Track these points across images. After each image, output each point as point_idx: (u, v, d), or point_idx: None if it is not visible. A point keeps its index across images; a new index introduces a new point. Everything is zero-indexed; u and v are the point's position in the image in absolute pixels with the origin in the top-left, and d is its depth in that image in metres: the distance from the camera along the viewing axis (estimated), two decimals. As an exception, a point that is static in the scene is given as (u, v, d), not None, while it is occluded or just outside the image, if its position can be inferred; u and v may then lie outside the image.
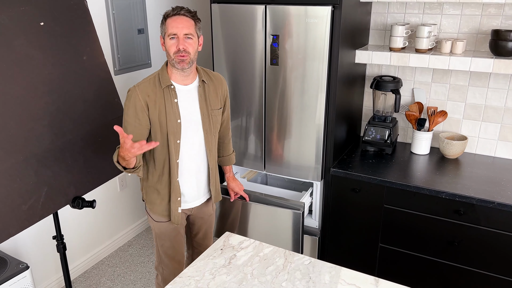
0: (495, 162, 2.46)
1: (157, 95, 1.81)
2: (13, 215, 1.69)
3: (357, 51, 2.48)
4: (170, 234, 2.03)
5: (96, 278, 2.89)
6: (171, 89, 1.83)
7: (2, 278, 2.04)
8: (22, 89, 1.76)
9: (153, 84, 1.82)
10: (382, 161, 2.48)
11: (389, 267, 2.44)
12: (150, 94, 1.80)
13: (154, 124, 1.83)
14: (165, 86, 1.82)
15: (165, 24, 1.77)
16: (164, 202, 1.96)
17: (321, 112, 2.31)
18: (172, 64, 1.79)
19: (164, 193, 1.95)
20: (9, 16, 1.73)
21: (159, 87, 1.82)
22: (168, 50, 1.78)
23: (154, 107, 1.81)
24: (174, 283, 1.51)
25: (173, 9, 1.77)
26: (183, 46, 1.75)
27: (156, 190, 1.95)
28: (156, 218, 2.00)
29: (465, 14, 2.41)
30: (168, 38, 1.76)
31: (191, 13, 1.79)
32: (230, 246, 1.72)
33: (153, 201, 1.98)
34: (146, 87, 1.81)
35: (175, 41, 1.76)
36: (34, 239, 2.57)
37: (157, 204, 1.97)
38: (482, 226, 2.11)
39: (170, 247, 2.06)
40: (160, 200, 1.96)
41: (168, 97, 1.82)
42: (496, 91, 2.43)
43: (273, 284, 1.50)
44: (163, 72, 1.84)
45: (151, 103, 1.80)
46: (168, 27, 1.76)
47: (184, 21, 1.76)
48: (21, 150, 1.73)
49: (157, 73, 1.86)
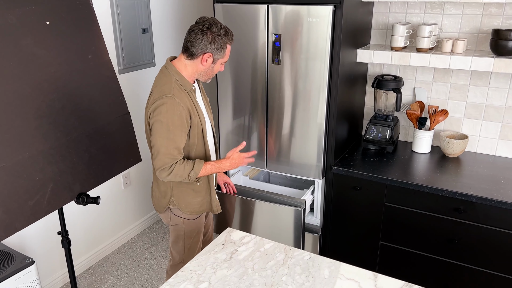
0: (495, 161, 2.47)
1: (187, 99, 1.86)
2: (19, 211, 1.73)
3: (359, 50, 2.50)
4: (200, 229, 2.12)
5: (100, 274, 2.92)
6: (192, 90, 1.90)
7: (8, 272, 2.08)
8: (29, 87, 1.79)
9: (181, 90, 1.85)
10: (383, 160, 2.50)
11: (389, 264, 2.46)
12: (185, 100, 1.85)
13: (194, 126, 1.89)
14: (188, 90, 1.88)
15: (225, 50, 1.86)
16: (203, 196, 2.04)
17: (322, 110, 2.33)
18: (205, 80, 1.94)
19: (202, 188, 2.02)
20: (16, 16, 1.77)
21: (183, 91, 1.86)
22: (214, 71, 1.92)
23: (192, 111, 1.87)
24: (176, 277, 1.54)
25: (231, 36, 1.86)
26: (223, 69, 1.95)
27: (191, 189, 2.00)
28: (193, 216, 2.05)
29: (466, 13, 2.42)
30: (220, 64, 1.89)
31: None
32: (231, 241, 1.75)
33: (189, 201, 2.01)
34: (180, 94, 1.83)
35: (222, 65, 1.92)
36: (40, 234, 2.61)
37: (196, 202, 2.02)
38: (482, 224, 2.13)
39: (196, 242, 2.13)
40: (199, 197, 2.03)
41: (193, 98, 1.90)
42: (496, 90, 2.45)
43: (273, 278, 1.53)
44: (180, 77, 1.86)
45: (190, 108, 1.86)
46: (227, 54, 1.88)
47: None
48: (27, 147, 1.77)
49: (173, 79, 1.85)
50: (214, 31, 1.79)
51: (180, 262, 2.15)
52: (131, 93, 3.09)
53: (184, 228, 2.07)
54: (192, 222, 2.07)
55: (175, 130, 1.79)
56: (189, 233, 2.09)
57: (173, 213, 2.04)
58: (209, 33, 1.78)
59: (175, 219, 2.05)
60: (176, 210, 2.03)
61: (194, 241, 2.12)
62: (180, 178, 1.85)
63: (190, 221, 2.06)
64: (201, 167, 1.86)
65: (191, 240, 2.11)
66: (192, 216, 2.05)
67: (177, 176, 1.83)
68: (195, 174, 1.85)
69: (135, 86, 3.13)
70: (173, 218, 2.05)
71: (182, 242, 2.10)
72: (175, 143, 1.80)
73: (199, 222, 2.10)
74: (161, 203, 2.03)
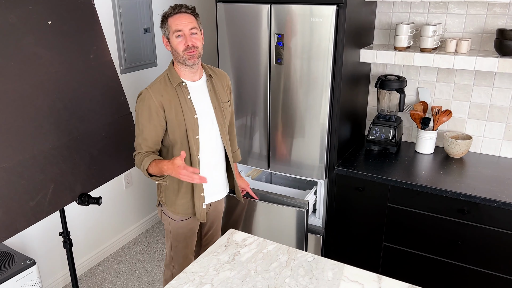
0: (500, 162, 2.45)
1: (170, 94, 1.82)
2: (21, 211, 1.72)
3: (362, 50, 2.49)
4: (186, 234, 2.04)
5: (102, 275, 2.91)
6: (183, 86, 1.85)
7: (9, 273, 2.07)
8: (30, 87, 1.78)
9: (164, 84, 1.82)
10: (386, 160, 2.49)
11: (393, 266, 2.44)
12: (163, 94, 1.80)
13: (171, 123, 1.83)
14: (176, 84, 1.83)
15: (167, 23, 1.78)
16: (186, 200, 1.97)
17: (325, 111, 2.32)
18: (182, 62, 1.80)
19: (187, 191, 1.96)
20: (17, 15, 1.76)
21: (170, 86, 1.83)
22: (176, 49, 1.78)
23: (169, 106, 1.81)
24: (178, 279, 1.53)
25: (173, 8, 1.77)
26: (191, 42, 1.77)
27: (177, 190, 1.96)
28: (178, 217, 2.00)
29: (470, 13, 2.41)
30: (174, 36, 1.77)
31: (190, 9, 1.80)
32: (234, 243, 1.74)
33: (174, 202, 1.97)
34: (158, 88, 1.81)
35: (182, 39, 1.77)
36: (41, 235, 2.60)
37: (180, 204, 1.97)
38: (486, 225, 2.11)
39: (184, 246, 2.07)
40: (183, 199, 1.96)
41: (181, 95, 1.83)
42: (501, 90, 2.43)
43: (276, 280, 1.51)
44: (171, 71, 1.85)
45: (166, 103, 1.81)
46: (172, 25, 1.76)
47: (186, 18, 1.77)
48: (29, 148, 1.76)
49: (165, 74, 1.86)
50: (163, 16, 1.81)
51: (169, 263, 2.12)
52: (133, 93, 3.08)
53: (170, 228, 2.04)
54: (177, 224, 2.01)
55: (143, 121, 1.81)
56: (175, 235, 2.04)
57: (162, 210, 2.05)
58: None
59: (163, 216, 2.05)
60: (164, 207, 2.03)
61: (182, 246, 2.06)
62: (140, 168, 1.84)
63: (176, 222, 2.01)
64: (149, 162, 1.78)
65: (177, 243, 2.05)
66: (176, 217, 2.00)
67: (137, 165, 1.85)
68: (143, 168, 1.80)
69: (137, 86, 3.12)
70: (162, 215, 2.06)
71: (169, 242, 2.08)
72: (142, 133, 1.82)
73: (186, 226, 2.03)
74: (157, 197, 2.03)
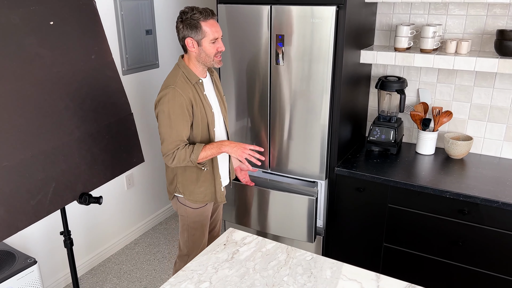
0: (500, 163, 2.45)
1: (192, 91, 1.92)
2: (22, 210, 1.73)
3: (362, 51, 2.49)
4: (203, 222, 2.14)
5: (103, 275, 2.92)
6: (199, 83, 1.95)
7: (10, 272, 2.08)
8: (32, 87, 1.80)
9: (186, 82, 1.91)
10: (387, 161, 2.49)
11: (393, 266, 2.44)
12: (189, 91, 1.90)
13: (197, 118, 1.93)
14: (195, 82, 1.93)
15: (202, 28, 1.84)
16: (205, 187, 2.06)
17: (325, 111, 2.32)
18: (211, 64, 1.92)
19: (205, 179, 2.05)
20: (19, 16, 1.78)
21: (189, 84, 1.92)
22: (208, 53, 1.88)
23: (195, 103, 1.91)
24: (177, 277, 1.53)
25: (204, 13, 1.83)
26: (223, 48, 1.90)
27: (196, 179, 2.04)
28: (196, 205, 2.08)
29: (470, 14, 2.41)
30: (210, 42, 1.86)
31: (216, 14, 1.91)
32: (233, 242, 1.75)
33: (192, 191, 2.06)
34: (183, 86, 1.90)
35: (215, 44, 1.88)
36: (42, 234, 2.62)
37: (199, 192, 2.06)
38: (486, 225, 2.11)
39: (201, 234, 2.15)
40: (201, 187, 2.06)
41: (200, 91, 1.94)
42: (501, 91, 2.43)
43: (274, 278, 1.52)
44: (187, 70, 1.93)
45: (192, 100, 1.91)
46: (209, 32, 1.84)
47: (218, 24, 1.89)
48: (30, 147, 1.77)
49: (181, 72, 1.93)
50: (185, 16, 1.84)
51: (186, 254, 2.20)
52: (134, 94, 3.10)
53: (188, 217, 2.12)
54: (196, 211, 2.10)
55: (176, 119, 1.87)
56: (192, 223, 2.12)
57: (178, 201, 2.11)
58: (182, 19, 1.85)
59: (180, 207, 2.12)
60: (181, 198, 2.09)
61: (199, 234, 2.15)
62: (184, 162, 1.91)
63: (194, 210, 2.09)
64: (201, 148, 1.90)
65: (195, 231, 2.13)
66: (196, 205, 2.08)
67: (180, 160, 1.91)
68: (195, 155, 1.89)
69: (139, 87, 3.13)
70: (179, 206, 2.12)
71: (187, 232, 2.15)
72: (177, 131, 1.89)
73: (203, 213, 2.12)
74: (169, 189, 2.12)
